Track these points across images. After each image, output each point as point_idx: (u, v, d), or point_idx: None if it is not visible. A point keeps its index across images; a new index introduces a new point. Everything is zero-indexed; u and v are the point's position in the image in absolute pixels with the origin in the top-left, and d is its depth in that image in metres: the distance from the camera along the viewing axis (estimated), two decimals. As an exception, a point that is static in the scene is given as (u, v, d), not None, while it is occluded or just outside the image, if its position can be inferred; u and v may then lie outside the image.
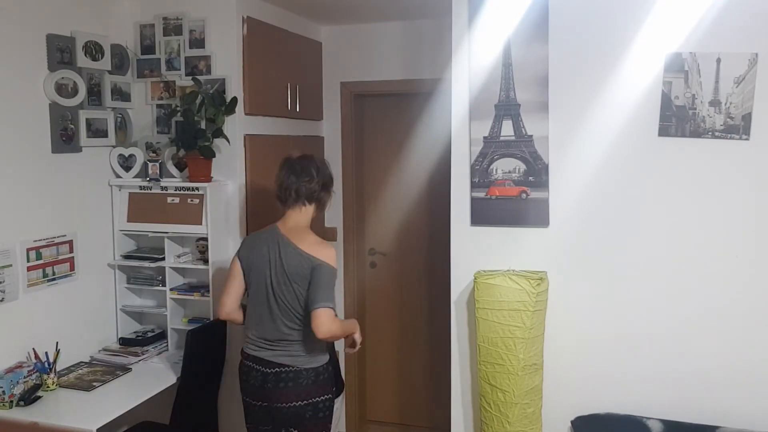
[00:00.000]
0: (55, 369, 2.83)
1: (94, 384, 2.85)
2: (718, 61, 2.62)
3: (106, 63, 3.22)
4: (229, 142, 3.23)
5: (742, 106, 2.62)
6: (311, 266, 2.51)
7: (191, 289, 3.33)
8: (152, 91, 3.41)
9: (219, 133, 3.17)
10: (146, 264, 3.30)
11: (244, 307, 2.75)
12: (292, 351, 2.57)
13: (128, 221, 3.34)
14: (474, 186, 2.94)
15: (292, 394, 2.54)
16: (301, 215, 2.67)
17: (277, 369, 2.56)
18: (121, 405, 2.68)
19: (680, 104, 2.68)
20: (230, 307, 2.68)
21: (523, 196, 2.89)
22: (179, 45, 3.33)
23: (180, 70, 3.34)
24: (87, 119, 3.13)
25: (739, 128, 2.63)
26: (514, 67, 2.84)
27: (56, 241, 2.99)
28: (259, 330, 2.61)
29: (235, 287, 2.67)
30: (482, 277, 2.78)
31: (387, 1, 3.54)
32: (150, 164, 3.29)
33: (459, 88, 2.94)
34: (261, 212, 3.50)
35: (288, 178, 2.64)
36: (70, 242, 3.07)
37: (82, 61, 3.08)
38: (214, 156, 3.19)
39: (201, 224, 3.21)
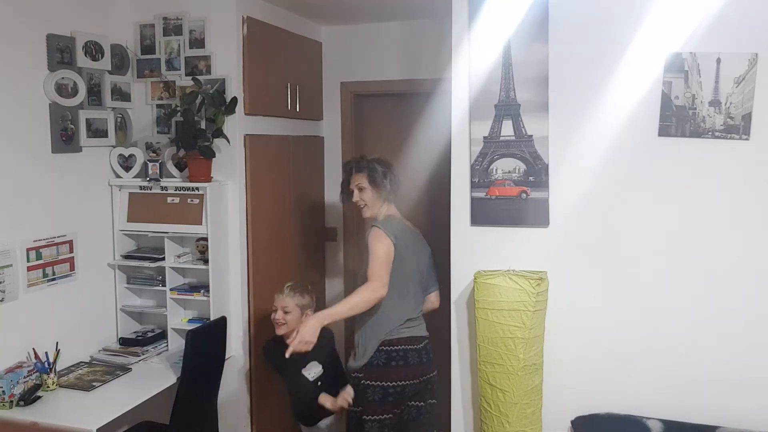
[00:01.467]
0: (55, 369, 2.83)
1: (94, 384, 2.85)
2: (718, 61, 2.62)
3: (106, 63, 3.22)
4: (229, 142, 3.23)
5: (742, 106, 2.62)
6: (429, 248, 3.04)
7: (191, 289, 3.33)
8: (152, 91, 3.41)
9: (219, 133, 3.17)
10: (146, 264, 3.30)
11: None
12: (423, 321, 2.93)
13: (128, 221, 3.34)
14: (474, 186, 2.94)
15: (434, 363, 2.92)
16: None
17: (424, 342, 2.88)
18: (121, 405, 2.68)
19: (680, 104, 2.68)
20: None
21: (523, 196, 2.89)
22: (179, 45, 3.33)
23: (180, 70, 3.34)
24: (87, 119, 3.13)
25: (739, 128, 2.63)
26: (514, 67, 2.84)
27: (56, 241, 2.99)
28: (407, 311, 2.84)
29: (389, 268, 2.75)
30: (482, 277, 2.77)
31: (387, 2, 3.54)
32: (150, 164, 3.29)
33: (459, 88, 2.94)
34: (261, 212, 3.50)
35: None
36: (70, 242, 3.07)
37: (82, 61, 3.08)
38: (214, 156, 3.19)
39: (201, 224, 3.21)
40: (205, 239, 3.22)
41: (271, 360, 3.01)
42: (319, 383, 2.94)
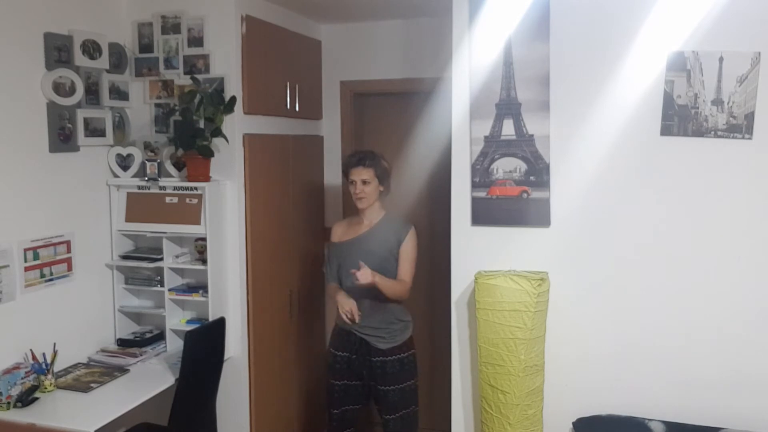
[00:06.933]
0: (52, 370, 2.81)
1: (92, 385, 2.83)
2: (721, 60, 2.60)
3: (104, 62, 3.20)
4: (227, 141, 3.21)
5: (745, 106, 2.60)
6: None
7: (190, 289, 3.31)
8: (150, 90, 3.39)
9: (218, 132, 3.15)
10: (144, 264, 3.28)
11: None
12: None
13: (126, 221, 3.32)
14: (475, 186, 2.93)
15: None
16: None
17: None
18: (119, 406, 2.66)
19: (682, 103, 2.66)
20: None
21: (524, 195, 2.87)
22: (177, 44, 3.30)
23: (178, 68, 3.31)
24: (85, 118, 3.11)
25: (741, 127, 2.61)
26: (515, 65, 2.82)
27: (54, 241, 2.97)
28: None
29: None
30: (483, 278, 2.76)
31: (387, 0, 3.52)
32: (148, 164, 3.27)
33: (459, 87, 2.92)
34: (260, 212, 3.48)
35: None
36: (68, 242, 3.05)
37: (80, 59, 3.06)
38: (212, 155, 3.17)
39: (199, 224, 3.19)
40: (204, 239, 3.19)
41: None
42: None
